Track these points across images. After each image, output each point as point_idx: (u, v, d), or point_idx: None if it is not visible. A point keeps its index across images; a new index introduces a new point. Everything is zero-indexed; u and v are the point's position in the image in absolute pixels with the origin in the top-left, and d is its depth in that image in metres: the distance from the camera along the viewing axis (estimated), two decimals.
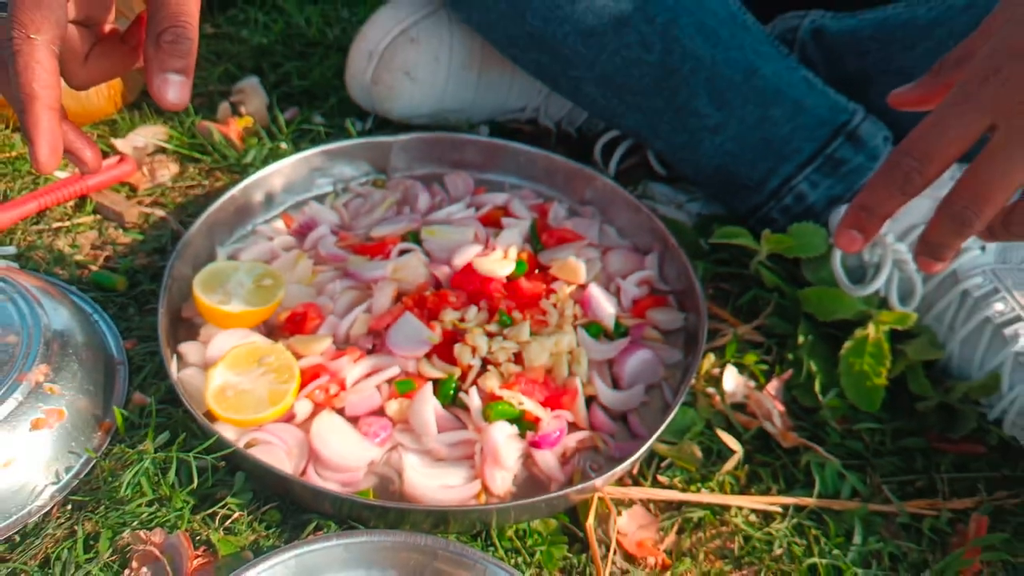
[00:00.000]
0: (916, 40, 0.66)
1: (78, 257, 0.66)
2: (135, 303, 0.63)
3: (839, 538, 0.54)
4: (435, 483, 0.52)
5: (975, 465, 0.59)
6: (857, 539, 0.54)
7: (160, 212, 0.70)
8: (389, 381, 0.56)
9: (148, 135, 0.76)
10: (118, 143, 0.75)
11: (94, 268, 0.65)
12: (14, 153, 0.74)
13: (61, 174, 0.72)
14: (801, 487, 0.56)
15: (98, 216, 0.70)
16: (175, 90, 0.42)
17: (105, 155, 0.74)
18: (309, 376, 0.55)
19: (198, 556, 0.48)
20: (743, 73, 0.66)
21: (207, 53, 0.88)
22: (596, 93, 0.71)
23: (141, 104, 0.80)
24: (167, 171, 0.74)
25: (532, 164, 0.74)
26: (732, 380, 0.60)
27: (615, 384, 0.59)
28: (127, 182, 0.72)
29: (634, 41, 0.66)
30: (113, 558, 0.48)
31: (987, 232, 0.42)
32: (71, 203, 0.70)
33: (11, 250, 0.65)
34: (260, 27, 0.91)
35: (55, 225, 0.68)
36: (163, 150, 0.76)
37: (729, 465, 0.56)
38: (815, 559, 0.52)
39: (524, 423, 0.55)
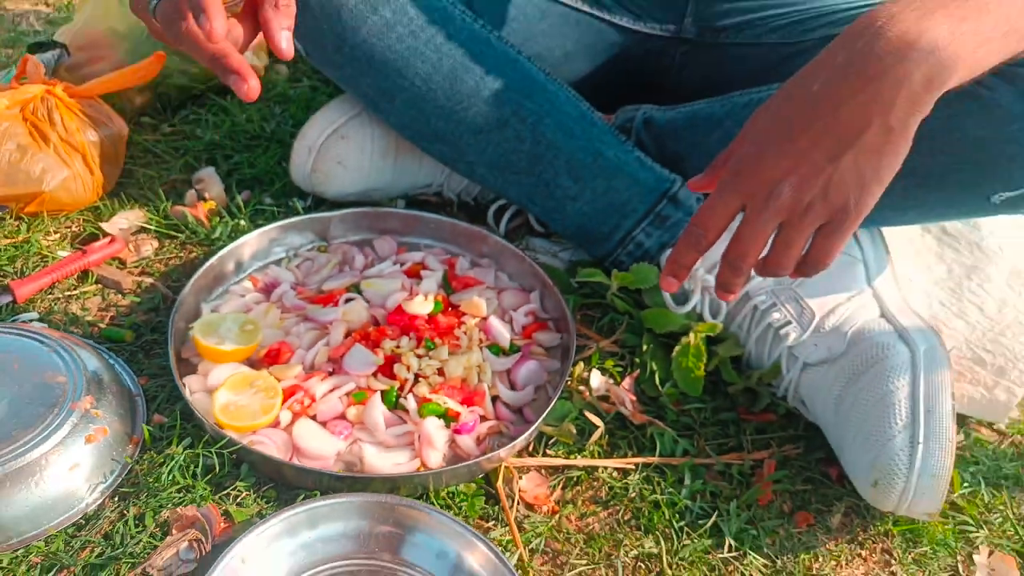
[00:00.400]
0: (713, 128, 0.92)
1: (89, 318, 0.84)
2: (141, 351, 0.81)
3: (674, 483, 0.76)
4: (387, 463, 0.73)
5: (770, 429, 0.83)
6: (687, 483, 0.76)
7: (149, 279, 0.89)
8: (347, 394, 0.76)
9: (130, 218, 0.95)
10: (105, 226, 0.93)
11: (103, 326, 0.83)
12: (21, 238, 0.91)
13: (62, 253, 0.90)
14: (648, 451, 0.79)
15: (99, 285, 0.87)
16: (287, 43, 0.60)
17: (96, 237, 0.93)
18: (288, 393, 0.75)
19: (221, 522, 0.67)
20: (592, 156, 0.90)
21: (167, 149, 1.07)
22: (486, 173, 0.94)
23: (118, 192, 0.99)
24: (149, 247, 0.92)
25: (441, 228, 0.96)
26: (596, 379, 0.82)
27: (512, 387, 0.81)
28: (118, 257, 0.91)
29: (512, 136, 0.89)
30: (156, 530, 0.66)
31: (757, 271, 0.63)
32: (76, 276, 0.88)
33: (35, 315, 0.83)
34: (210, 125, 1.10)
35: (67, 294, 0.86)
36: (144, 229, 0.95)
37: (595, 437, 0.78)
38: (658, 497, 0.75)
39: (448, 417, 0.75)
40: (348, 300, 0.84)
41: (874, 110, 0.54)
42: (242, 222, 0.96)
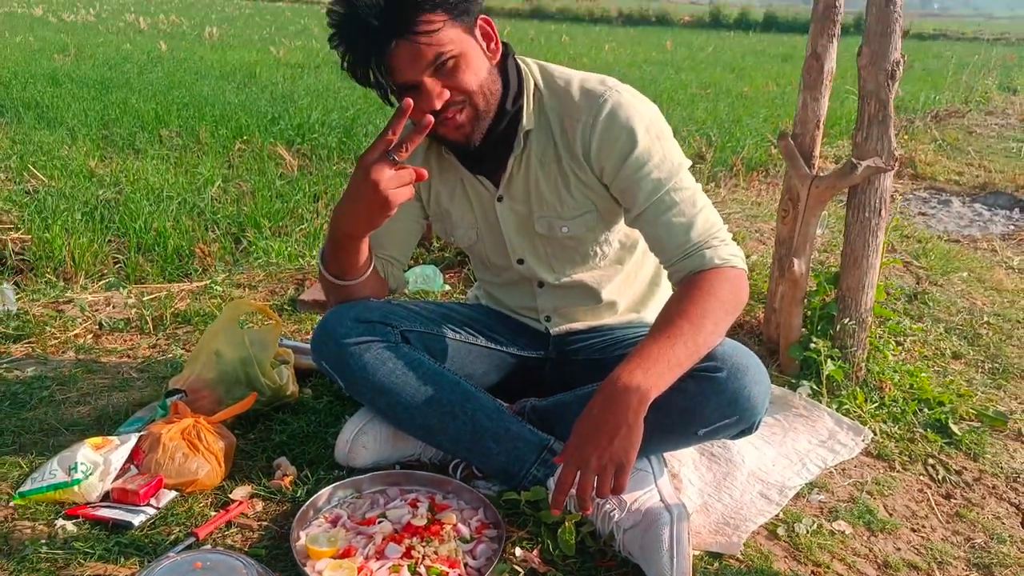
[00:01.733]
0: (567, 409, 1.69)
1: (237, 544, 1.52)
2: (271, 559, 1.49)
3: None
4: None
5: (613, 568, 1.54)
6: None
7: (264, 522, 1.58)
8: (388, 569, 1.45)
9: (243, 492, 1.65)
10: (232, 495, 1.63)
11: (246, 549, 1.51)
12: (184, 508, 1.60)
13: (212, 513, 1.59)
14: None
15: (237, 527, 1.56)
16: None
17: (227, 504, 1.62)
18: (359, 570, 1.44)
19: None
20: (504, 430, 1.66)
21: (255, 448, 1.80)
22: (446, 445, 1.70)
23: (233, 475, 1.70)
24: (260, 505, 1.62)
25: (424, 479, 1.69)
26: (518, 551, 1.53)
27: (474, 558, 1.51)
28: (244, 512, 1.60)
29: (459, 423, 1.66)
30: None
31: (597, 495, 1.38)
32: (225, 524, 1.56)
33: (209, 547, 1.50)
34: (277, 432, 1.85)
35: (224, 533, 1.54)
36: (254, 495, 1.65)
37: None
38: None
39: (440, 574, 1.45)
40: (380, 522, 1.55)
41: (620, 421, 1.33)
42: (308, 486, 1.67)
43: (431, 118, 1.38)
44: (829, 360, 2.17)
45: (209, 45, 13.13)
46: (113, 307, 2.67)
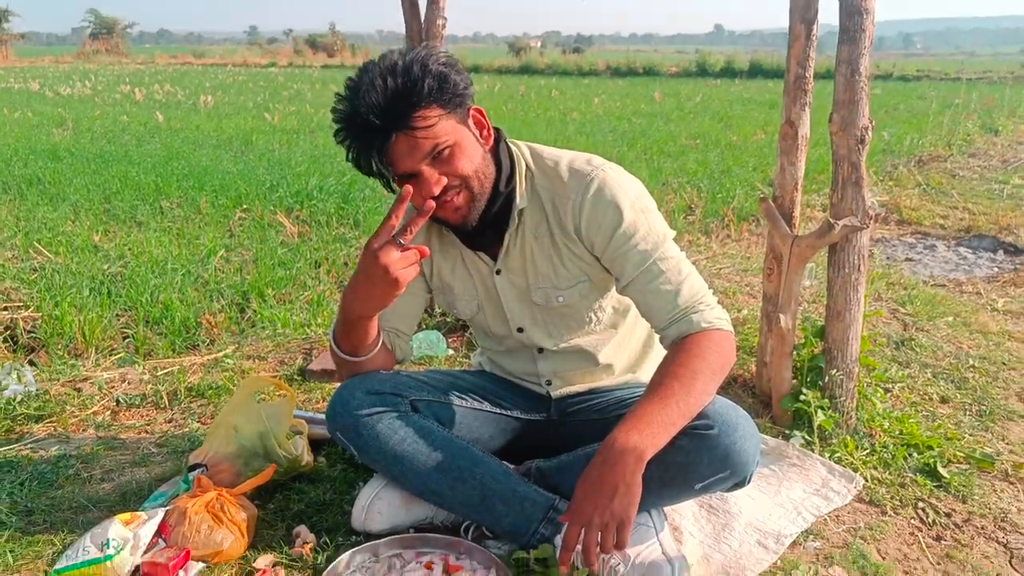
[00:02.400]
0: (570, 469, 1.78)
1: None
2: None
3: None
4: None
5: None
6: None
7: None
8: None
9: (267, 560, 1.74)
10: (256, 564, 1.72)
11: None
12: None
13: None
14: None
15: None
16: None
17: (252, 573, 1.70)
18: None
19: None
20: (511, 492, 1.75)
21: (274, 517, 1.88)
22: (457, 508, 1.79)
23: (256, 544, 1.78)
24: (283, 573, 1.71)
25: (438, 541, 1.77)
26: None
27: None
28: None
29: (468, 487, 1.75)
30: None
31: (602, 551, 1.48)
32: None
33: None
34: (296, 500, 1.93)
35: None
36: (277, 563, 1.73)
37: None
38: None
39: None
40: None
41: (619, 480, 1.43)
42: (329, 553, 1.76)
43: (432, 203, 1.50)
44: (819, 411, 2.27)
45: (204, 114, 13.42)
46: (128, 383, 2.76)
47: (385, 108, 1.52)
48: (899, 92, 17.87)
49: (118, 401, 2.61)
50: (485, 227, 1.71)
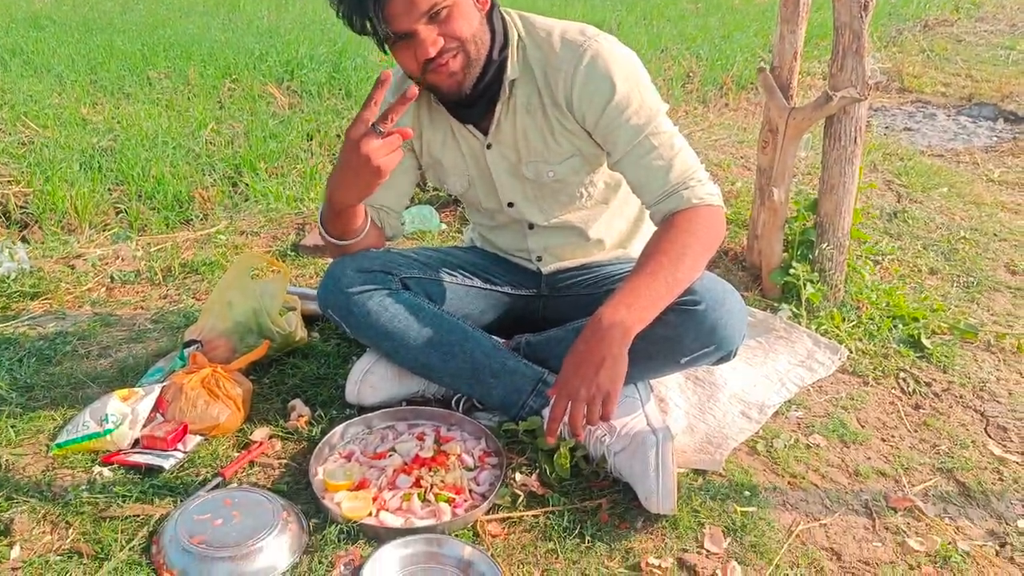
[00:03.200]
0: (559, 343, 1.81)
1: (262, 482, 1.66)
2: (293, 494, 1.63)
3: (558, 516, 1.60)
4: (422, 525, 1.56)
5: (606, 488, 1.68)
6: (565, 516, 1.60)
7: (284, 460, 1.72)
8: (400, 497, 1.59)
9: (263, 433, 1.79)
10: (252, 437, 1.77)
11: (268, 485, 1.65)
12: (209, 451, 1.74)
13: (235, 454, 1.72)
14: (547, 505, 1.63)
15: (260, 466, 1.70)
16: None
17: (248, 445, 1.75)
18: (374, 500, 1.58)
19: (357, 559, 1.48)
20: (500, 365, 1.79)
21: (270, 392, 1.93)
22: (448, 381, 1.82)
23: (252, 419, 1.83)
24: (279, 445, 1.76)
25: (429, 413, 1.82)
26: (518, 476, 1.67)
27: (478, 484, 1.65)
28: (264, 453, 1.74)
29: (459, 361, 1.78)
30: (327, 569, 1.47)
31: (588, 422, 1.51)
32: (248, 464, 1.70)
33: (227, 482, 1.64)
34: (290, 375, 1.97)
35: (247, 472, 1.68)
36: (272, 436, 1.78)
37: (520, 501, 1.63)
38: (553, 523, 1.59)
39: (448, 502, 1.59)
40: (390, 455, 1.69)
41: (605, 354, 1.45)
42: (323, 425, 1.81)
43: (415, 89, 1.45)
44: (808, 284, 2.29)
45: None
46: (122, 260, 2.77)
47: None
48: None
49: (112, 278, 2.63)
50: (477, 98, 1.67)
